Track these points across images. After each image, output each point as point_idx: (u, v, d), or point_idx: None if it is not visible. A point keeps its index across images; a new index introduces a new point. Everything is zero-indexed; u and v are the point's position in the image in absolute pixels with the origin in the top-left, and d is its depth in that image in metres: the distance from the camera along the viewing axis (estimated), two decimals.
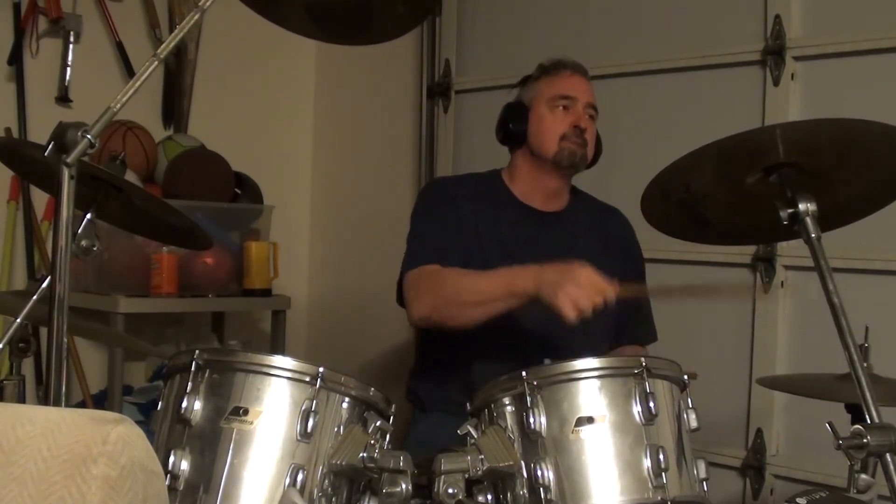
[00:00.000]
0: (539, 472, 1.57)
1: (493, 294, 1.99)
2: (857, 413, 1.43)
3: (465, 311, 2.03)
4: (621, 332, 2.35)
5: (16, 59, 3.11)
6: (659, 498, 1.55)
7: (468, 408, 1.73)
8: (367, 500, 1.62)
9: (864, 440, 1.30)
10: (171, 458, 1.52)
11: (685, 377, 1.72)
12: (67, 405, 1.42)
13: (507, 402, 1.66)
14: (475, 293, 2.03)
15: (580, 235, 2.34)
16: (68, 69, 3.16)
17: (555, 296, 1.84)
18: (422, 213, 2.31)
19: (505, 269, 2.03)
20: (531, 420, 1.59)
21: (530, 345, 2.09)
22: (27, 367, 2.68)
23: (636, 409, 1.61)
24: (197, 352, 1.61)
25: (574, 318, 1.83)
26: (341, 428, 1.61)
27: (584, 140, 2.24)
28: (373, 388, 1.67)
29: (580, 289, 1.84)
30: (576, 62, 2.33)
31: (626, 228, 2.42)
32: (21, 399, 1.86)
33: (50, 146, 1.31)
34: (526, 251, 2.28)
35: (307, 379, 1.59)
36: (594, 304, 1.84)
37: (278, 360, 1.60)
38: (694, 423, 1.68)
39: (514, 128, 2.30)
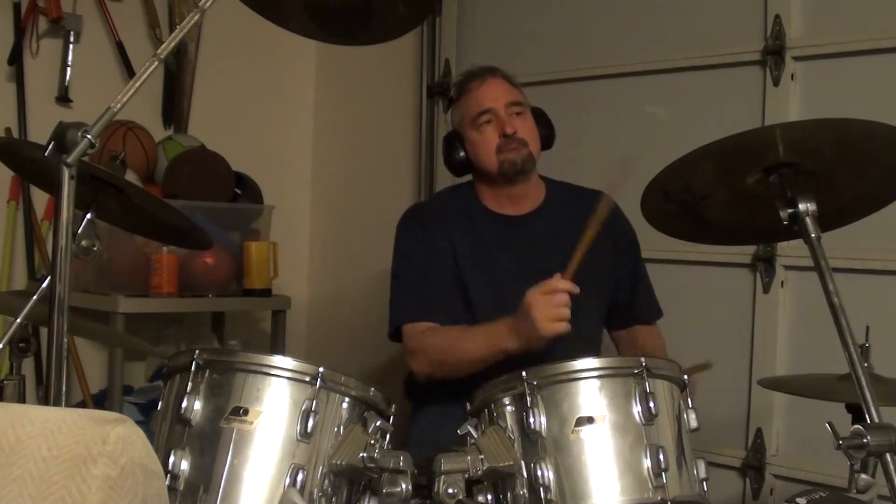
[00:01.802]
0: (539, 472, 1.57)
1: (479, 355, 2.07)
2: (858, 413, 1.43)
3: (460, 369, 2.11)
4: (625, 314, 2.35)
5: (16, 59, 3.11)
6: (659, 498, 1.55)
7: (468, 407, 1.73)
8: (367, 500, 1.62)
9: (864, 440, 1.30)
10: (171, 458, 1.52)
11: (684, 378, 1.72)
12: (67, 405, 1.42)
13: (507, 402, 1.66)
14: (463, 355, 2.11)
15: (561, 229, 2.33)
16: (68, 69, 3.16)
17: (541, 334, 1.91)
18: (403, 254, 2.33)
19: (484, 327, 2.10)
20: (531, 420, 1.59)
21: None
22: (27, 367, 2.68)
23: (636, 409, 1.61)
24: (197, 352, 1.61)
25: (565, 327, 1.92)
26: (341, 428, 1.61)
27: (519, 141, 2.24)
28: (373, 388, 1.67)
29: (543, 309, 1.91)
30: (483, 67, 2.33)
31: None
32: (21, 399, 1.85)
33: (50, 146, 1.31)
34: (508, 259, 2.28)
35: (307, 379, 1.59)
36: (563, 304, 1.92)
37: (278, 360, 1.60)
38: (694, 423, 1.68)
39: (457, 160, 2.32)
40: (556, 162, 2.43)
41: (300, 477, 1.53)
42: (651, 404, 1.60)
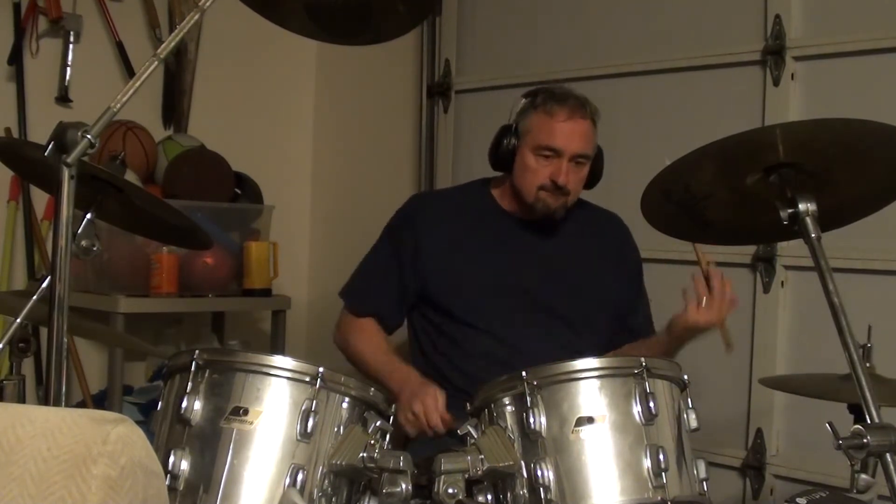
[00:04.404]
0: (539, 472, 1.57)
1: (374, 375, 2.22)
2: (860, 414, 1.43)
3: (356, 368, 2.32)
4: (618, 334, 2.35)
5: (16, 59, 3.11)
6: (659, 498, 1.55)
7: (468, 407, 1.73)
8: (367, 500, 1.62)
9: (864, 440, 1.30)
10: (171, 458, 1.52)
11: (684, 378, 1.72)
12: (67, 405, 1.42)
13: (507, 402, 1.66)
14: (366, 365, 2.29)
15: (573, 241, 2.34)
16: (68, 69, 3.16)
17: (398, 413, 1.97)
18: (384, 240, 2.43)
19: (391, 362, 2.23)
20: (531, 420, 1.59)
21: (520, 356, 2.09)
22: (27, 367, 2.67)
23: (636, 409, 1.61)
24: (197, 352, 1.61)
25: (410, 433, 2.04)
26: (341, 428, 1.61)
27: (564, 192, 2.22)
28: (373, 388, 1.67)
29: (412, 416, 2.03)
30: (576, 101, 2.23)
31: (619, 233, 2.43)
32: (21, 399, 1.85)
33: (50, 146, 1.31)
34: (516, 261, 2.29)
35: (307, 379, 1.59)
36: (418, 431, 2.03)
37: (278, 360, 1.60)
38: (694, 423, 1.68)
39: (504, 154, 2.28)
40: None
41: (300, 477, 1.53)
42: (651, 404, 1.60)
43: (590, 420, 1.60)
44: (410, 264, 2.31)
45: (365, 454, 1.57)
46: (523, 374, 1.64)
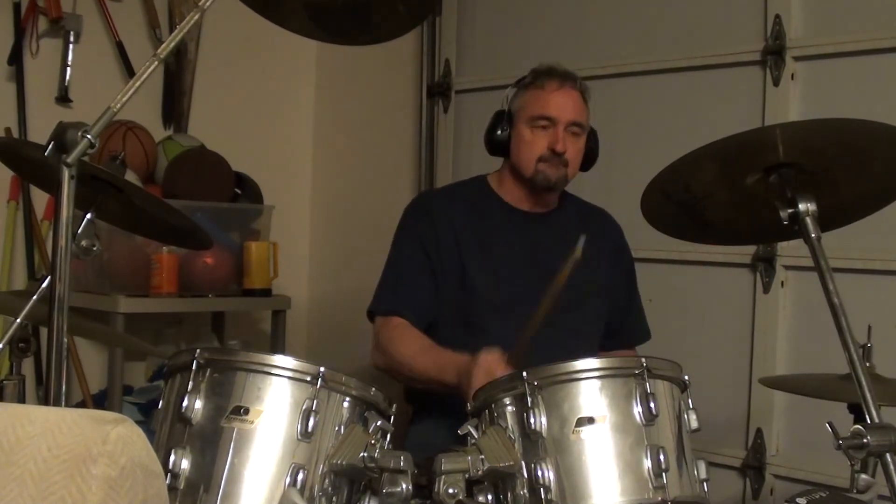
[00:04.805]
0: (539, 473, 1.57)
1: (426, 377, 2.14)
2: (860, 414, 1.43)
3: (407, 380, 2.23)
4: (611, 335, 2.35)
5: (16, 59, 3.11)
6: (659, 498, 1.55)
7: (468, 407, 1.73)
8: (367, 500, 1.62)
9: (864, 440, 1.30)
10: (172, 458, 1.52)
11: (685, 379, 1.72)
12: (67, 405, 1.42)
13: (508, 402, 1.66)
14: (414, 371, 2.17)
15: (566, 236, 2.34)
16: (68, 69, 3.16)
17: (467, 394, 1.87)
18: (398, 243, 2.36)
19: (442, 353, 2.12)
20: (531, 420, 1.59)
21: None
22: (27, 367, 2.68)
23: (637, 409, 1.61)
24: (198, 351, 1.61)
25: None
26: (342, 427, 1.61)
27: (562, 161, 2.22)
28: (373, 388, 1.67)
29: (483, 377, 1.88)
30: (566, 72, 2.27)
31: (613, 230, 2.43)
32: (21, 399, 1.86)
33: (50, 146, 1.31)
34: (511, 249, 2.29)
35: (308, 378, 1.59)
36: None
37: (279, 359, 1.60)
38: (694, 424, 1.68)
39: (497, 141, 2.28)
40: None
41: (300, 476, 1.53)
42: (651, 405, 1.60)
43: (590, 420, 1.60)
44: (436, 254, 2.30)
45: (365, 454, 1.57)
46: (524, 374, 1.63)
